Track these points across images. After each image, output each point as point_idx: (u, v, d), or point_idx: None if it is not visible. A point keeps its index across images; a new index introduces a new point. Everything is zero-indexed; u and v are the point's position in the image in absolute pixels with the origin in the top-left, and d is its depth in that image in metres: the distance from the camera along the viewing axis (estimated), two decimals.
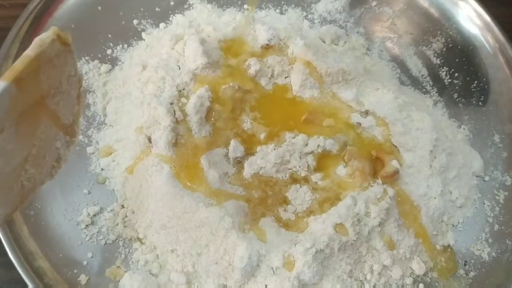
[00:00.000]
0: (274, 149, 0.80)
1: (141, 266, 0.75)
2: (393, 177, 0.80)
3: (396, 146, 0.84)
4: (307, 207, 0.78)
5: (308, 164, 0.80)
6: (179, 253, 0.73)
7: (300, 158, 0.80)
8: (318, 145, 0.81)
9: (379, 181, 0.80)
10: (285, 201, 0.79)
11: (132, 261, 0.75)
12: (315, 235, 0.73)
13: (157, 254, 0.75)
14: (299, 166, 0.80)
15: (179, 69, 0.85)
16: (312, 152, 0.81)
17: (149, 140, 0.79)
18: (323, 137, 0.82)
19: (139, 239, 0.76)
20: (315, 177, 0.80)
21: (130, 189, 0.78)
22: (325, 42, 0.96)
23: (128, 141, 0.81)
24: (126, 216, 0.78)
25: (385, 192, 0.78)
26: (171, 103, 0.81)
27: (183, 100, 0.82)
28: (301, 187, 0.79)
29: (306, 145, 0.81)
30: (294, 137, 0.82)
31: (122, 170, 0.80)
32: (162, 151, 0.77)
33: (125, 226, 0.77)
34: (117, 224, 0.77)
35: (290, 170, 0.80)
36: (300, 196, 0.79)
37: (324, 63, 0.86)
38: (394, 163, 0.80)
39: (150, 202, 0.76)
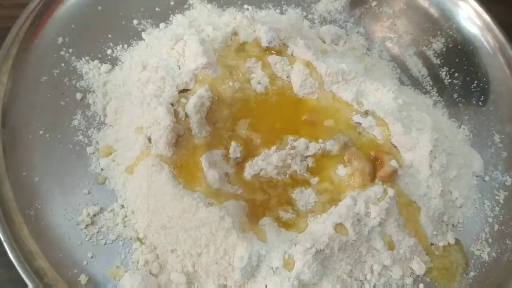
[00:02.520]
0: (276, 152, 0.80)
1: (141, 266, 0.74)
2: (391, 177, 0.80)
3: (396, 146, 0.84)
4: (309, 208, 0.78)
5: (308, 165, 0.80)
6: (179, 253, 0.73)
7: (300, 161, 0.80)
8: (319, 148, 0.81)
9: (379, 181, 0.80)
10: (290, 202, 0.79)
11: (132, 261, 0.75)
12: (315, 235, 0.73)
13: (157, 254, 0.75)
14: (300, 170, 0.80)
15: (179, 69, 0.85)
16: (312, 154, 0.81)
17: (149, 140, 0.79)
18: (322, 140, 0.82)
19: (139, 239, 0.76)
20: (314, 180, 0.80)
21: (130, 189, 0.78)
22: (325, 42, 0.97)
23: (128, 141, 0.81)
24: (126, 216, 0.78)
25: (385, 192, 0.78)
26: (171, 103, 0.81)
27: (183, 100, 0.82)
28: (306, 189, 0.79)
29: (307, 148, 0.81)
30: (295, 141, 0.82)
31: (122, 170, 0.80)
32: (162, 151, 0.77)
33: (125, 226, 0.77)
34: (117, 224, 0.77)
35: (290, 172, 0.80)
36: (304, 198, 0.78)
37: (324, 63, 0.86)
38: (393, 163, 0.80)
39: (150, 202, 0.76)
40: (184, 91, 0.84)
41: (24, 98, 0.84)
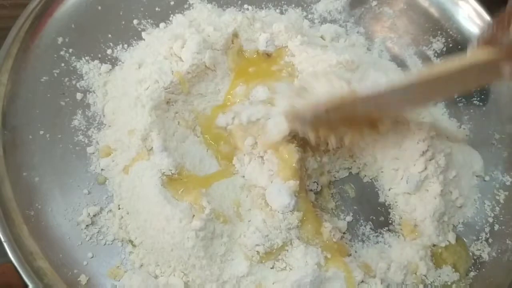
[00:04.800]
0: None
1: (138, 268, 0.74)
2: None
3: None
4: None
5: None
6: (171, 263, 0.73)
7: None
8: None
9: None
10: None
11: (132, 262, 0.75)
12: None
13: (150, 257, 0.74)
14: None
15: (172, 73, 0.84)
16: None
17: (143, 141, 0.79)
18: None
19: (131, 241, 0.76)
20: None
21: (125, 190, 0.78)
22: (325, 40, 0.96)
23: (124, 142, 0.81)
24: (122, 217, 0.77)
25: None
26: (167, 102, 0.81)
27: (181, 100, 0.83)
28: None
29: None
30: None
31: (120, 170, 0.79)
32: (156, 153, 0.77)
33: (120, 228, 0.77)
34: (113, 225, 0.77)
35: None
36: None
37: (325, 55, 0.86)
38: None
39: (141, 204, 0.75)
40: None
41: (24, 98, 0.84)
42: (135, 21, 0.93)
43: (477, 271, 0.81)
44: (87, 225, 0.77)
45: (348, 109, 0.71)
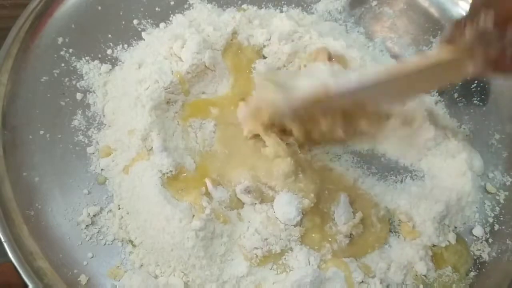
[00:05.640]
0: None
1: (138, 268, 0.74)
2: None
3: None
4: None
5: None
6: (171, 263, 0.73)
7: None
8: None
9: None
10: None
11: (132, 262, 0.75)
12: None
13: (150, 257, 0.75)
14: None
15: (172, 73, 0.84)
16: None
17: (143, 141, 0.79)
18: None
19: (131, 242, 0.76)
20: None
21: (125, 190, 0.78)
22: None
23: (124, 142, 0.81)
24: (122, 217, 0.77)
25: None
26: (167, 102, 0.81)
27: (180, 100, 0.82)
28: None
29: None
30: None
31: (120, 170, 0.80)
32: (156, 153, 0.77)
33: (120, 228, 0.77)
34: (114, 225, 0.77)
35: None
36: None
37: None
38: None
39: (141, 204, 0.75)
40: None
41: (24, 98, 0.84)
42: (135, 21, 0.93)
43: (477, 271, 0.81)
44: (87, 225, 0.77)
45: (324, 104, 0.73)
